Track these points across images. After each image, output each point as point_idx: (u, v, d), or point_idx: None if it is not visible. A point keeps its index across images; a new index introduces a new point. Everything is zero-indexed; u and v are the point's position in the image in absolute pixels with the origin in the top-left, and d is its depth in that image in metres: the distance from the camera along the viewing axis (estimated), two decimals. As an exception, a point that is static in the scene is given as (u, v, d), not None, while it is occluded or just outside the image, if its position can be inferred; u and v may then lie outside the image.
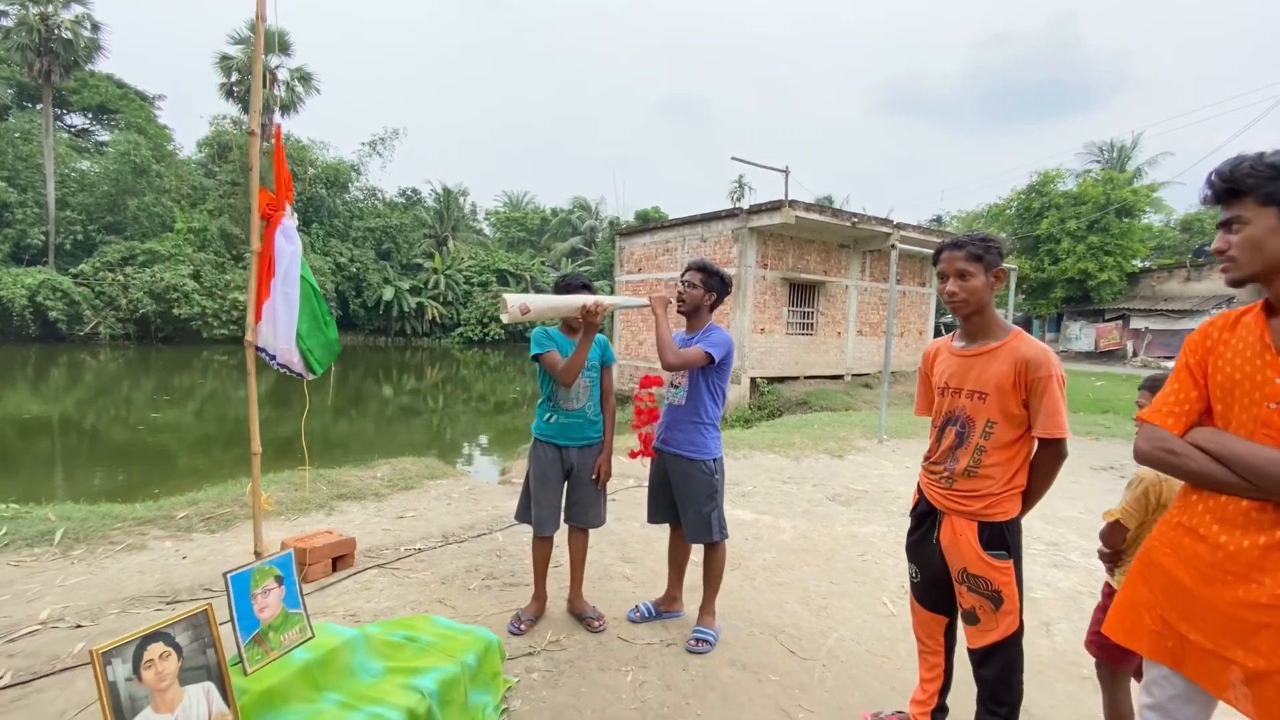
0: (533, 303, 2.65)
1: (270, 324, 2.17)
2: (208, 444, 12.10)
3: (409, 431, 14.89)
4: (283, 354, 2.21)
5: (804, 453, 7.05)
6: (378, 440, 13.76)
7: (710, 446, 2.87)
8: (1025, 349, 1.84)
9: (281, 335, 2.19)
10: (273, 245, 2.12)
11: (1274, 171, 1.29)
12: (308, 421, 15.39)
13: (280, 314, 2.16)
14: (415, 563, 3.68)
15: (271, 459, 10.32)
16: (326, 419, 15.97)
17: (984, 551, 1.88)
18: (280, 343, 2.19)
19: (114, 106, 32.65)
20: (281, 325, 2.18)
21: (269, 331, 2.18)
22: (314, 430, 14.35)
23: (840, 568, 3.88)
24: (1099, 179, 27.26)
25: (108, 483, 8.54)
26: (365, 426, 15.48)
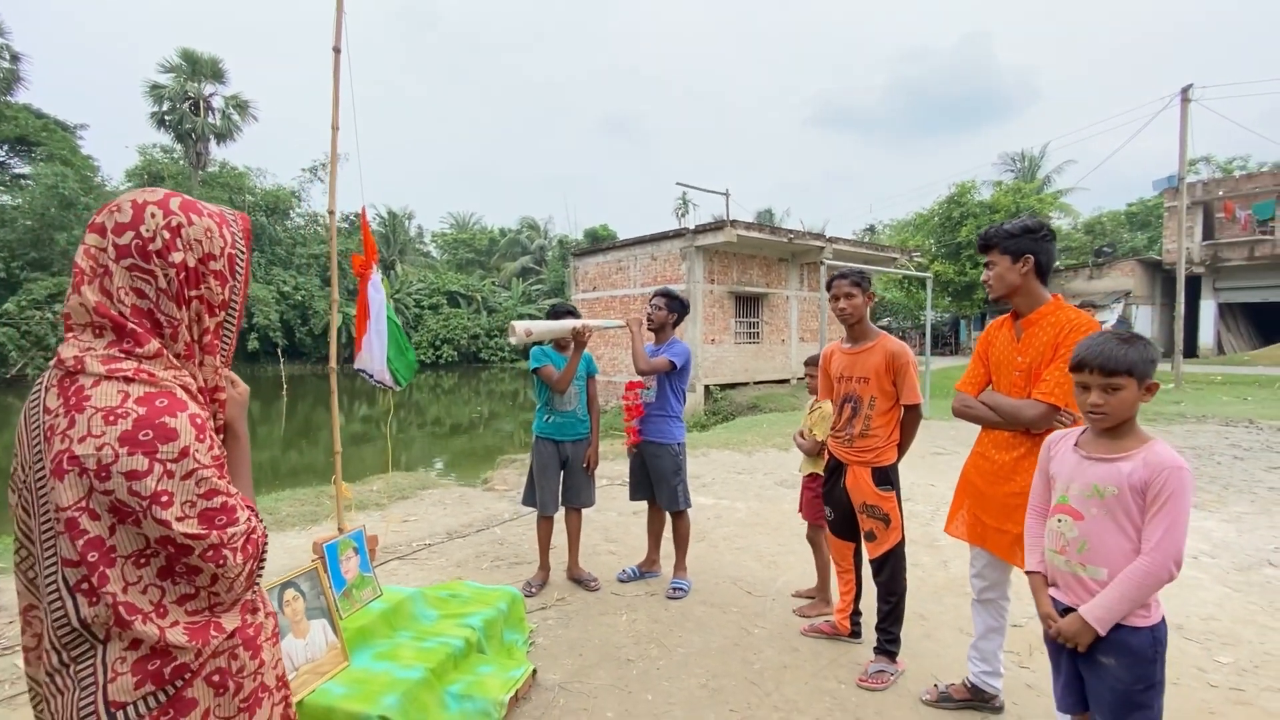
0: (535, 327, 3.36)
1: (368, 351, 2.87)
2: None
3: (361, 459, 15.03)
4: (379, 373, 2.91)
5: (755, 448, 7.90)
6: (329, 470, 13.86)
7: (675, 433, 3.63)
8: (891, 346, 2.68)
9: (377, 359, 2.89)
10: (366, 295, 2.81)
11: (1007, 234, 2.16)
12: (255, 454, 15.37)
13: (375, 345, 2.86)
14: (429, 554, 4.29)
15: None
16: (275, 451, 15.85)
17: (876, 487, 2.70)
18: (376, 365, 2.89)
19: (35, 138, 31.33)
20: (377, 352, 2.88)
21: (368, 356, 2.88)
22: (263, 462, 14.36)
23: (787, 535, 4.68)
24: (1009, 189, 29.72)
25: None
26: (316, 457, 15.49)
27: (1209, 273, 24.23)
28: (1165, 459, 1.58)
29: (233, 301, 1.16)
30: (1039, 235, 2.15)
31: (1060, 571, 1.73)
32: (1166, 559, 1.54)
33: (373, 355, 2.91)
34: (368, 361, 2.92)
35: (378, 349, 2.91)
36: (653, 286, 16.03)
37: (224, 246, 1.12)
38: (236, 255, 1.15)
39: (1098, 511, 1.65)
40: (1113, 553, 1.62)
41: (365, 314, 2.85)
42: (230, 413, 1.18)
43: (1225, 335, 25.50)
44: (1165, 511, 1.56)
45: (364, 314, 2.85)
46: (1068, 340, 2.03)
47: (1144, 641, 1.59)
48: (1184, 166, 15.91)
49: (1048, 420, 2.05)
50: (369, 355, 2.90)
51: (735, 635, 3.10)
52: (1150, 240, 38.53)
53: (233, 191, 32.77)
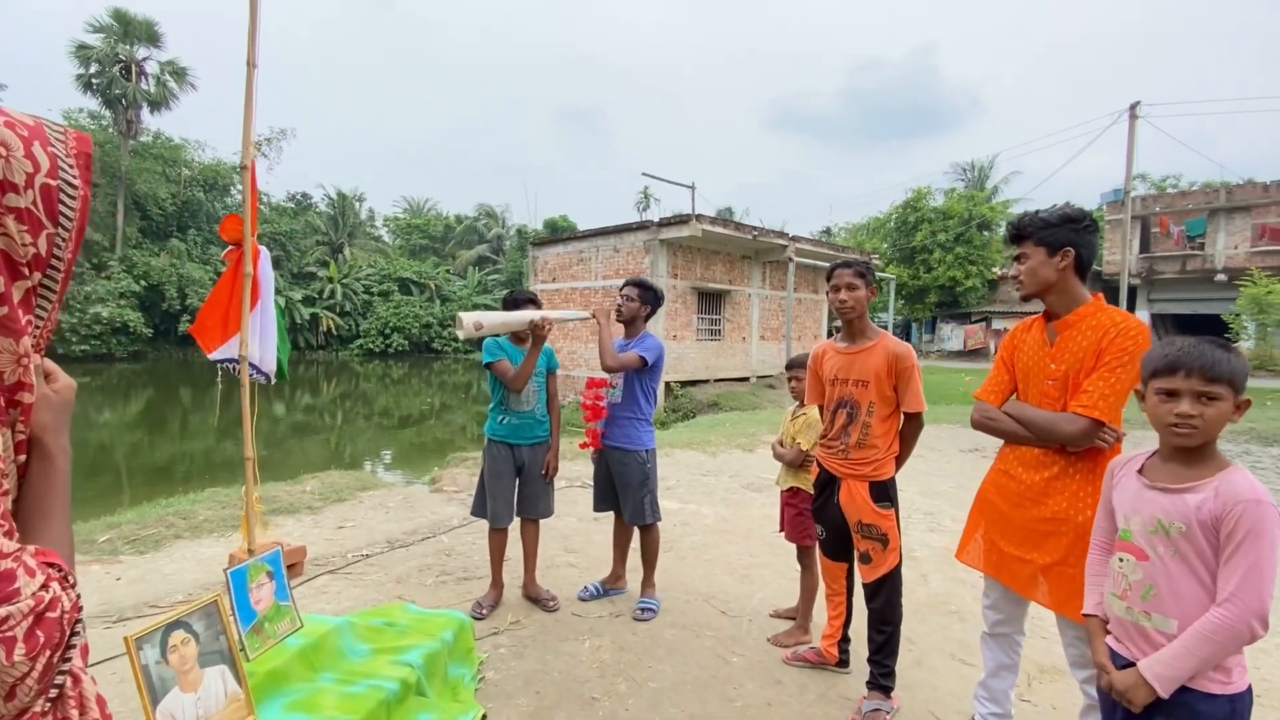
0: (485, 319, 2.96)
1: (252, 337, 2.41)
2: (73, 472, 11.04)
3: (304, 450, 14.19)
4: (267, 364, 2.46)
5: (719, 449, 7.64)
6: (269, 462, 13.08)
7: (644, 439, 3.29)
8: (894, 346, 2.40)
9: (265, 347, 2.44)
10: (257, 269, 2.35)
11: (1043, 223, 1.88)
12: (186, 444, 14.35)
13: (262, 329, 2.41)
14: (366, 567, 3.83)
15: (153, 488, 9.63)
16: (209, 441, 14.86)
17: (874, 504, 2.41)
18: (267, 354, 2.44)
19: (-62, 95, 28.57)
20: (269, 339, 2.42)
21: (255, 345, 2.41)
22: (195, 453, 13.43)
23: (757, 544, 4.41)
24: (963, 196, 30.53)
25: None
26: (269, 445, 14.58)
27: (1144, 284, 25.39)
28: (1241, 490, 1.32)
29: (54, 259, 0.75)
30: (1081, 226, 1.89)
31: (1120, 619, 1.46)
32: (1246, 612, 1.28)
33: (259, 341, 2.47)
34: (254, 350, 2.46)
35: (267, 334, 2.48)
36: (615, 280, 15.65)
37: (32, 174, 0.71)
38: (62, 189, 0.74)
39: (1165, 551, 1.39)
40: (1185, 601, 1.35)
41: (254, 292, 2.39)
42: (40, 421, 0.77)
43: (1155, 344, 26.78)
44: (1243, 553, 1.30)
45: (247, 291, 2.39)
46: (1114, 346, 1.77)
47: (1219, 712, 1.33)
48: (1130, 180, 16.48)
49: (1089, 437, 1.79)
50: (251, 342, 2.46)
51: (712, 665, 2.78)
52: (1089, 251, 40.26)
53: (167, 164, 30.75)
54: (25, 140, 0.70)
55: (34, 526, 0.74)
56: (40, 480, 0.75)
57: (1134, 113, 16.13)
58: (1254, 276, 18.41)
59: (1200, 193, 25.32)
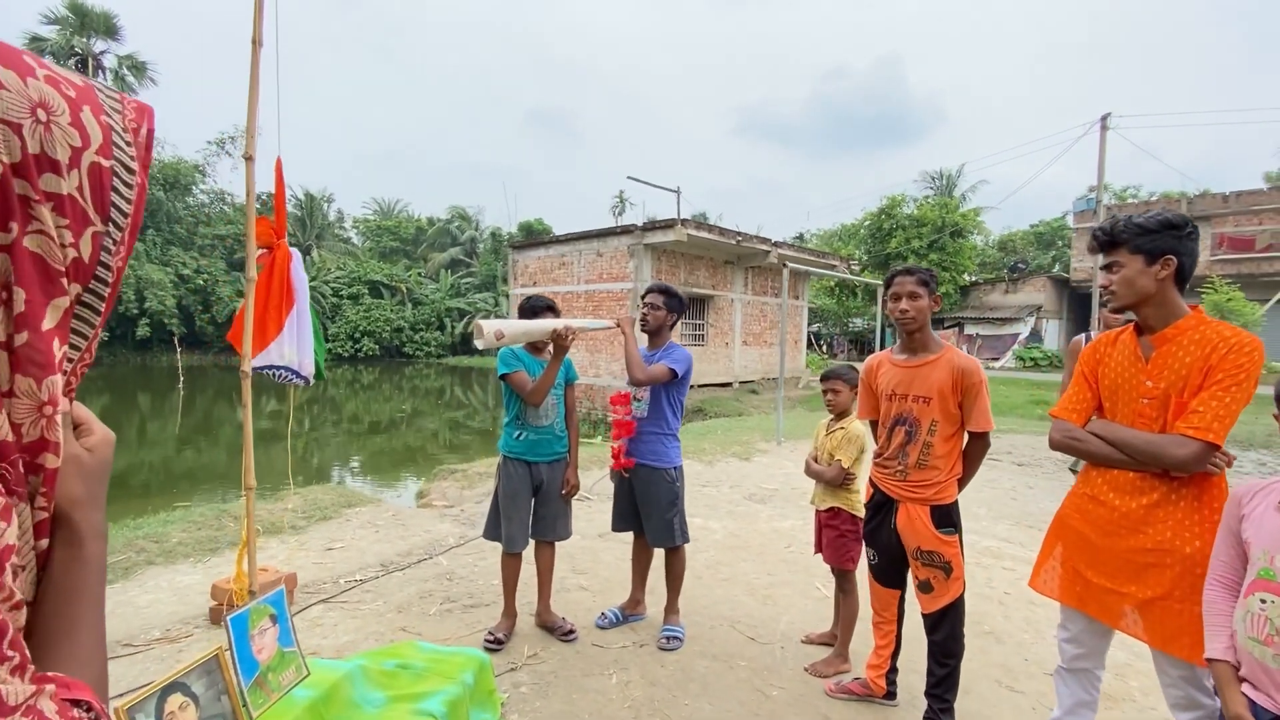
0: (507, 328, 2.74)
1: (290, 343, 2.22)
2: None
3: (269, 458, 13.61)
4: (305, 367, 2.31)
5: (715, 458, 7.48)
6: (231, 470, 12.49)
7: (671, 455, 3.09)
8: (960, 360, 2.24)
9: (307, 351, 2.28)
10: (289, 272, 2.12)
11: (1140, 229, 1.74)
12: (143, 453, 13.65)
13: (299, 333, 2.22)
14: (361, 594, 3.54)
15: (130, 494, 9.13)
16: (168, 450, 14.18)
17: (936, 530, 2.25)
18: (305, 358, 2.28)
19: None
20: (305, 342, 2.24)
21: (288, 350, 2.21)
22: (154, 462, 12.78)
23: (773, 560, 4.24)
24: (936, 204, 31.08)
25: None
26: (217, 456, 13.91)
27: (1109, 291, 26.10)
28: None
29: (101, 267, 0.51)
30: (1183, 233, 1.75)
31: (1264, 667, 1.31)
32: None
33: (297, 347, 2.25)
34: (285, 355, 2.24)
35: (304, 337, 2.25)
36: (598, 284, 15.42)
37: (80, 149, 0.48)
38: (116, 173, 0.51)
39: None
40: None
41: (290, 298, 2.16)
42: (68, 492, 0.53)
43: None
44: None
45: (285, 296, 2.16)
46: (1226, 363, 1.64)
47: None
48: (1101, 189, 16.90)
49: (1201, 462, 1.65)
50: (290, 348, 2.24)
51: (752, 701, 2.59)
52: (1054, 259, 41.51)
53: (124, 161, 29.45)
54: (72, 103, 0.48)
55: (56, 643, 0.52)
56: (67, 574, 0.52)
57: (1105, 124, 16.55)
58: (1215, 284, 19.05)
59: (1162, 203, 26.21)
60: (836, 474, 2.81)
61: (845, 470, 2.78)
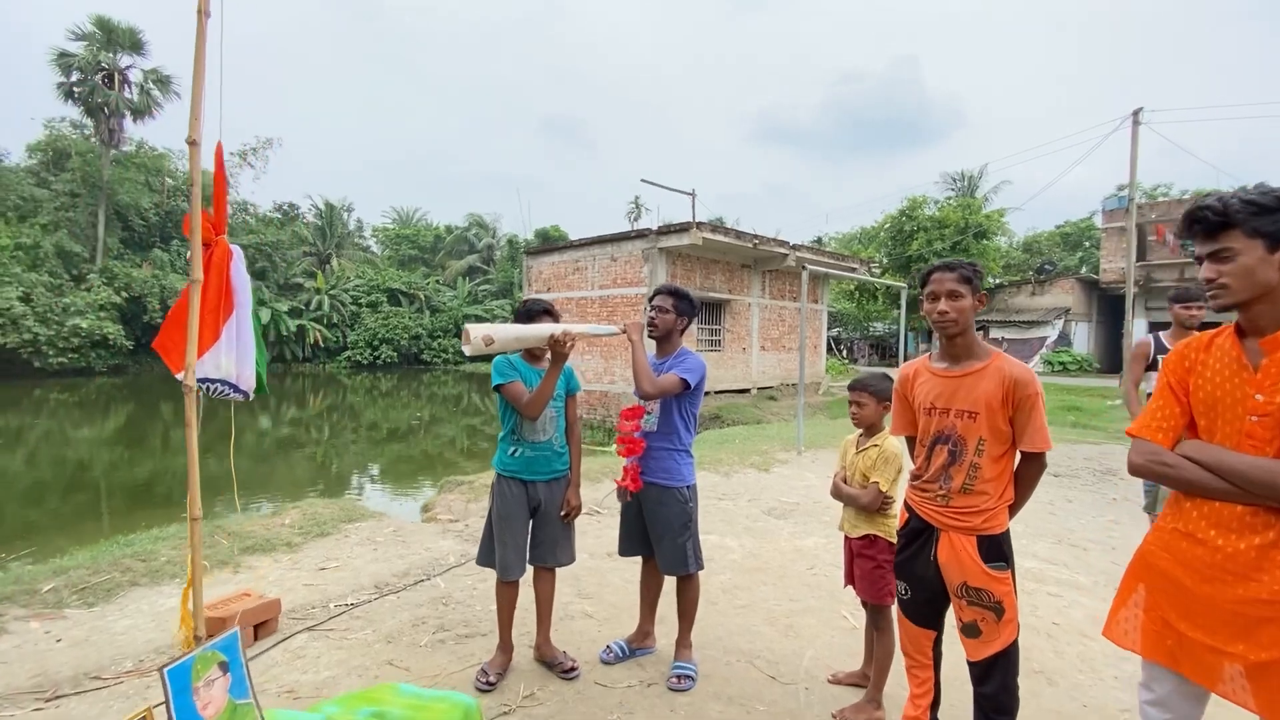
0: (498, 333, 2.49)
1: (231, 352, 1.97)
2: (42, 493, 10.44)
3: (290, 467, 13.62)
4: (246, 380, 2.04)
5: (733, 468, 7.16)
6: (253, 478, 12.50)
7: (684, 473, 2.81)
8: (1011, 369, 1.94)
9: (247, 362, 2.03)
10: (230, 275, 1.89)
11: (1258, 207, 1.43)
12: (163, 461, 13.71)
13: (239, 341, 1.97)
14: (351, 620, 3.31)
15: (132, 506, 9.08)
16: (203, 454, 14.25)
17: (985, 565, 1.94)
18: (245, 369, 2.02)
19: (-88, 103, 27.81)
20: (246, 351, 2.00)
21: (229, 360, 1.96)
22: (174, 470, 12.82)
23: (795, 584, 3.93)
24: (959, 204, 30.43)
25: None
26: (239, 463, 13.94)
27: (1141, 293, 25.28)
28: None
29: None
30: None
31: None
32: None
33: (235, 357, 2.00)
34: (222, 367, 2.00)
35: (244, 346, 2.01)
36: (612, 289, 15.20)
37: None
38: None
39: None
40: None
41: (229, 302, 1.92)
42: None
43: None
44: None
45: (227, 302, 1.92)
46: None
47: None
48: (1134, 187, 16.29)
49: None
50: (228, 358, 2.00)
51: (772, 754, 2.30)
52: (1081, 260, 40.47)
53: (150, 173, 30.05)
54: None
55: None
56: None
57: (1137, 119, 15.96)
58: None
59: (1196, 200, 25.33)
60: (873, 499, 2.50)
61: (883, 494, 2.48)
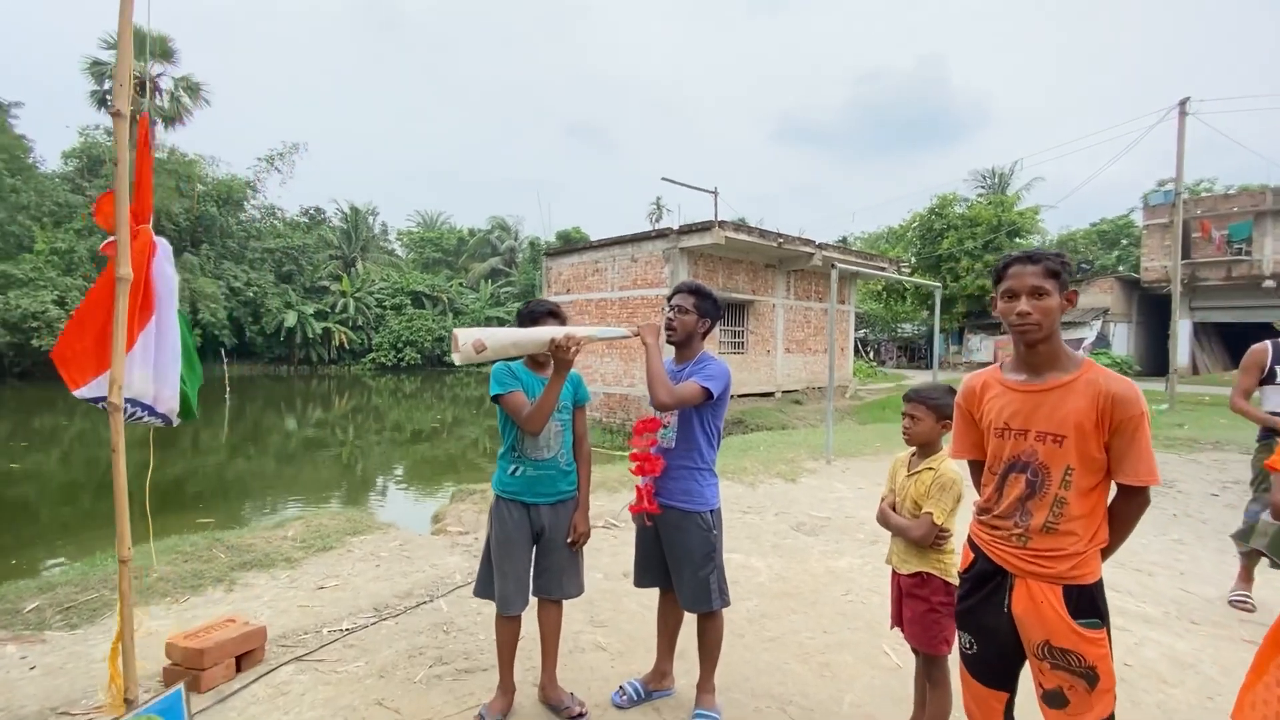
0: (490, 339, 2.20)
1: (147, 367, 1.64)
2: (76, 493, 10.52)
3: (315, 468, 13.65)
4: (165, 401, 1.69)
5: (758, 478, 6.80)
6: (280, 479, 12.53)
7: (707, 495, 2.48)
8: (1109, 383, 1.58)
9: (167, 380, 1.68)
10: (151, 272, 1.59)
11: None
12: (196, 460, 13.82)
13: (167, 355, 1.65)
14: (343, 649, 3.05)
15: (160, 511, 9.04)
16: (220, 457, 14.46)
17: (1074, 621, 1.59)
18: (166, 389, 1.68)
19: (-44, 114, 28.73)
20: (168, 368, 1.67)
21: (144, 377, 1.65)
22: (206, 471, 12.91)
23: (828, 612, 3.57)
24: (991, 202, 29.54)
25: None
26: (265, 464, 14.07)
27: (1185, 291, 24.20)
28: None
29: None
30: None
31: None
32: None
33: (158, 374, 1.70)
34: (135, 384, 1.70)
35: (170, 361, 1.71)
36: (632, 290, 14.91)
37: None
38: None
39: None
40: None
41: (146, 301, 1.63)
42: None
43: (1199, 355, 25.56)
44: None
45: (141, 302, 1.63)
46: None
47: None
48: (1181, 181, 15.50)
49: None
50: (143, 372, 1.70)
51: (810, 831, 1.96)
52: (1119, 259, 39.07)
53: (181, 179, 30.59)
54: None
55: None
56: None
57: (1184, 109, 15.16)
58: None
59: (1245, 195, 24.21)
60: (926, 532, 2.15)
61: (938, 528, 2.13)
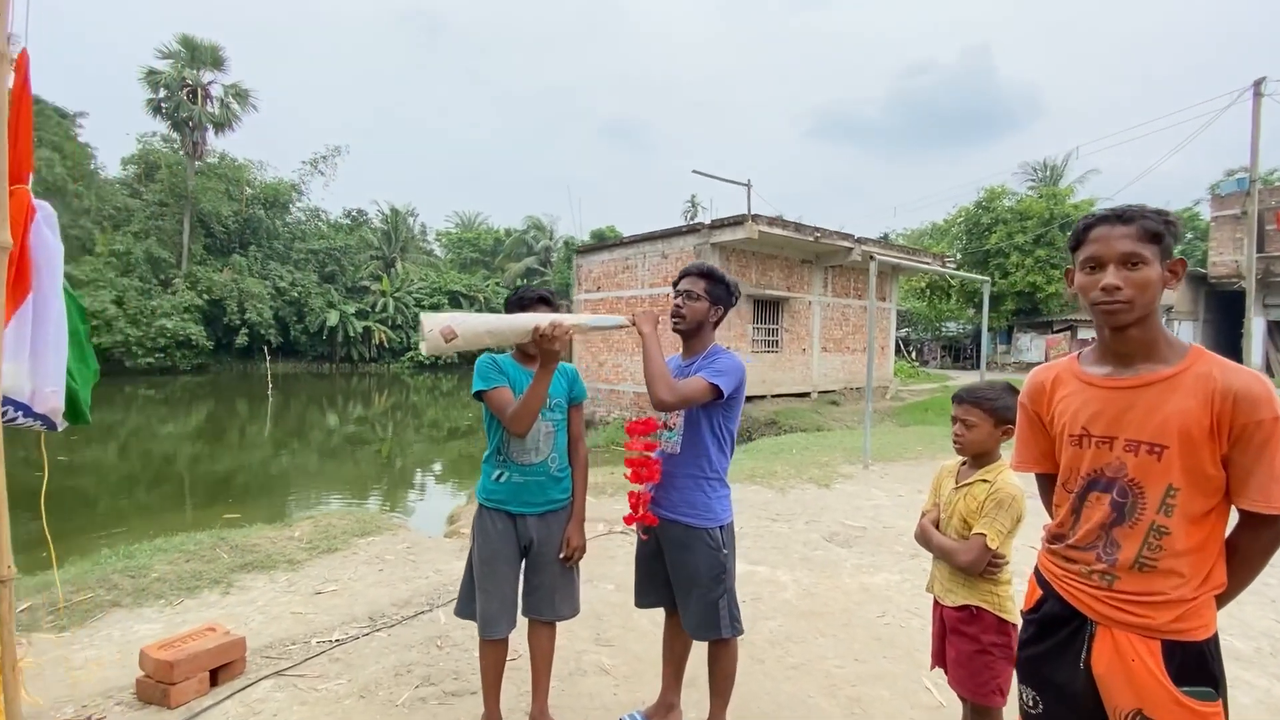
0: (461, 325, 1.93)
1: (21, 357, 1.40)
2: (132, 485, 10.85)
3: (355, 464, 13.82)
4: (45, 400, 1.44)
5: (788, 483, 6.42)
6: (322, 473, 12.70)
7: (716, 509, 2.17)
8: (1228, 377, 1.21)
9: (48, 374, 1.43)
10: (28, 243, 1.35)
11: None
12: (240, 456, 14.15)
13: (47, 343, 1.40)
14: (328, 664, 2.83)
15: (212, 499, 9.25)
16: (266, 451, 14.88)
17: (1176, 688, 1.23)
18: (46, 385, 1.43)
19: (26, 123, 30.24)
20: (48, 359, 1.42)
21: (17, 370, 1.40)
22: (251, 465, 13.20)
23: (861, 636, 3.21)
24: (1043, 194, 28.17)
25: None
26: (308, 459, 14.31)
27: (1259, 287, 22.56)
28: None
29: None
30: None
31: None
32: None
33: (36, 366, 1.45)
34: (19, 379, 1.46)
35: (52, 351, 1.47)
36: (663, 288, 14.59)
37: None
38: None
39: None
40: None
41: (21, 279, 1.39)
42: None
43: (1274, 355, 23.81)
44: None
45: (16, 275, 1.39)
46: None
47: None
48: (1256, 169, 14.36)
49: None
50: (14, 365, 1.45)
51: None
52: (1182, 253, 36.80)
53: (230, 183, 31.60)
54: None
55: None
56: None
57: (1259, 90, 14.03)
58: None
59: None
60: (976, 557, 1.79)
61: (992, 553, 1.77)
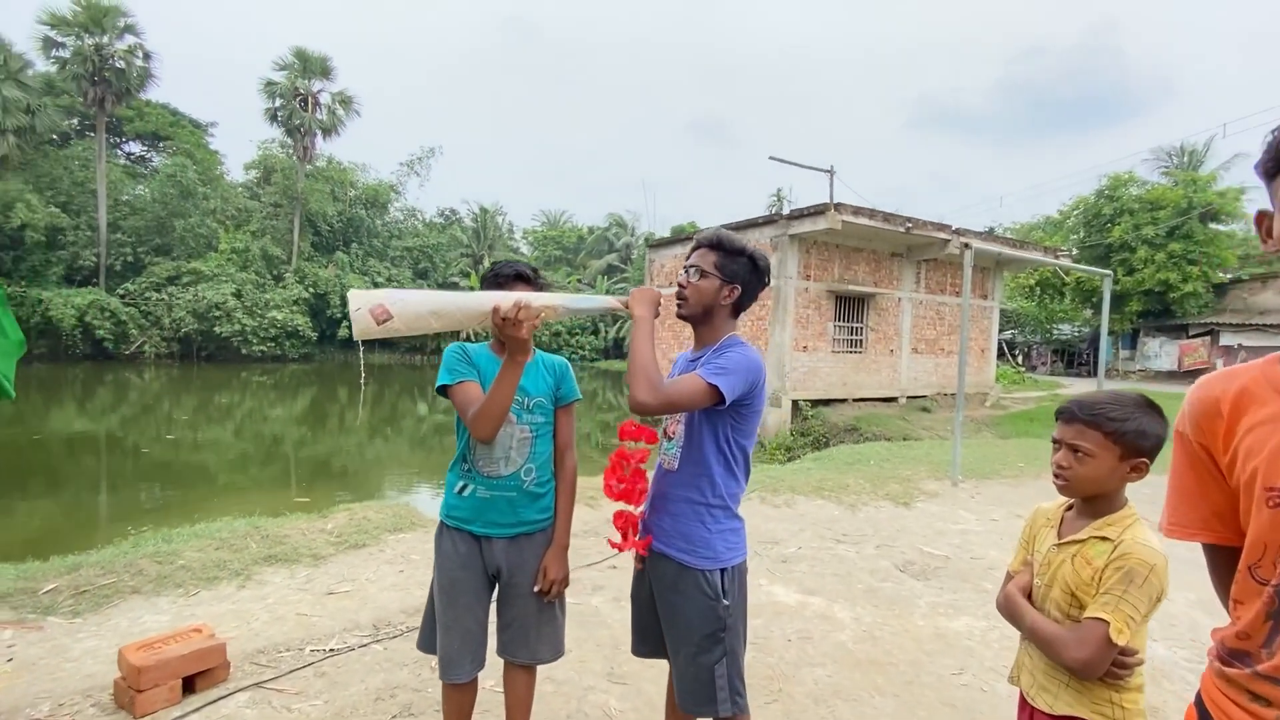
0: (398, 304, 1.55)
1: None
2: (246, 462, 11.71)
3: (444, 449, 14.26)
4: None
5: (860, 498, 5.74)
6: (413, 458, 13.25)
7: (717, 546, 1.69)
8: None
9: None
10: None
11: None
12: (340, 439, 15.00)
13: None
14: (313, 678, 2.60)
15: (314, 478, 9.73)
16: (362, 437, 15.77)
17: None
18: None
19: (166, 133, 33.69)
20: None
21: None
22: (346, 449, 13.90)
23: (928, 699, 2.61)
24: (1181, 181, 24.93)
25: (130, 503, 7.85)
26: (400, 446, 14.96)
27: None
28: None
29: None
30: None
31: None
32: None
33: None
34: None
35: None
36: (739, 283, 13.94)
37: None
38: None
39: None
40: None
41: None
42: None
43: None
44: None
45: None
46: None
47: None
48: None
49: None
50: None
51: None
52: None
53: (335, 185, 33.74)
54: None
55: None
56: None
57: None
58: None
59: None
60: (1094, 654, 1.16)
61: (1117, 648, 1.18)
